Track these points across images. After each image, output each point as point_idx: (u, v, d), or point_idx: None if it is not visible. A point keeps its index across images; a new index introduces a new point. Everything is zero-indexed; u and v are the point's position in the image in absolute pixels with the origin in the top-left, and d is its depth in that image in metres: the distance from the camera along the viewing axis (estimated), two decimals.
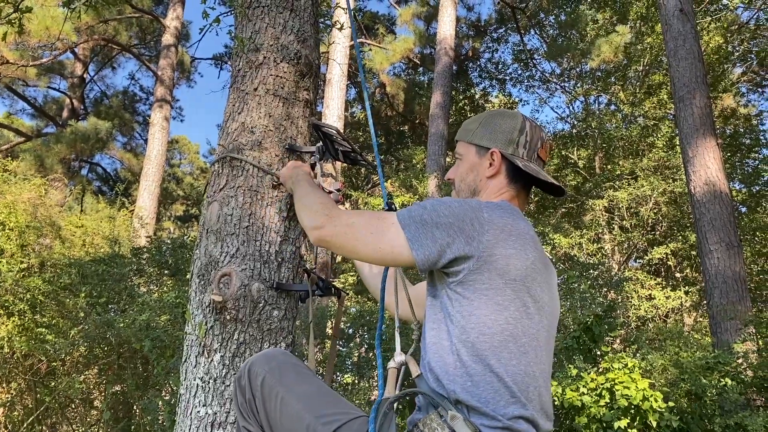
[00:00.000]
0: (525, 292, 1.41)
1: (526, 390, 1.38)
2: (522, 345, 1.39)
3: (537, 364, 1.42)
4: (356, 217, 1.56)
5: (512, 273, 1.39)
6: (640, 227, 12.67)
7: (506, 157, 1.63)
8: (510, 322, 1.38)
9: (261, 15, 2.22)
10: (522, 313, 1.40)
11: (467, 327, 1.38)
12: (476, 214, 1.42)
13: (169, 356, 5.89)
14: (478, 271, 1.38)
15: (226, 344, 1.89)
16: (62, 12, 12.66)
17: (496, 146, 1.64)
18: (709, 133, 8.07)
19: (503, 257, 1.39)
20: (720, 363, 5.65)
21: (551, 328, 1.51)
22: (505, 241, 1.41)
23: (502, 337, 1.37)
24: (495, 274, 1.38)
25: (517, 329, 1.39)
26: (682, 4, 8.66)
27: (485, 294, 1.38)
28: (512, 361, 1.37)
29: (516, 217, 1.48)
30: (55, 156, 15.45)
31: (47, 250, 8.29)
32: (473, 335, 1.37)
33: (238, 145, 2.10)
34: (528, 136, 1.65)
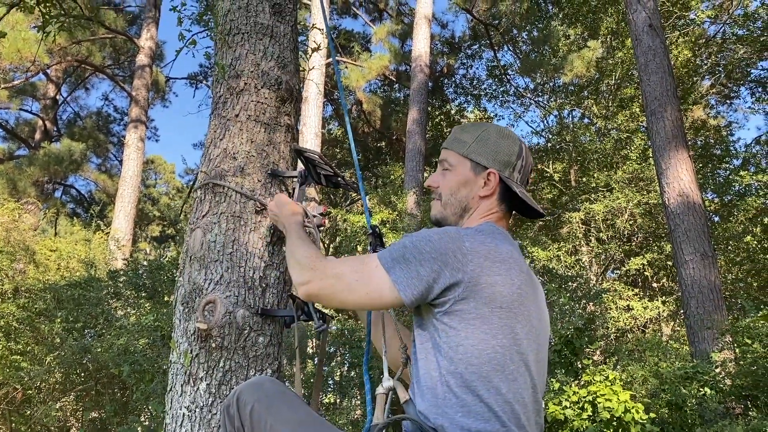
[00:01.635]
0: (512, 318, 1.40)
1: (518, 418, 1.37)
2: (511, 372, 1.38)
3: (526, 389, 1.41)
4: (340, 267, 1.55)
5: (498, 300, 1.39)
6: (616, 239, 12.84)
7: (503, 179, 1.61)
8: (498, 351, 1.38)
9: (241, 42, 2.24)
10: (510, 340, 1.39)
11: (455, 358, 1.37)
12: (457, 245, 1.42)
13: (148, 381, 5.80)
14: (464, 301, 1.38)
15: (212, 372, 1.87)
16: (34, 34, 12.55)
17: (494, 167, 1.62)
18: (681, 145, 8.23)
19: (488, 285, 1.39)
20: (699, 372, 5.73)
21: (541, 349, 1.50)
22: (490, 269, 1.40)
23: (490, 367, 1.37)
24: (481, 303, 1.38)
25: (506, 357, 1.38)
26: (651, 19, 8.86)
27: (472, 324, 1.38)
28: (502, 390, 1.36)
29: (499, 240, 1.47)
30: (28, 179, 15.23)
31: (21, 275, 8.16)
32: (461, 366, 1.37)
33: (221, 172, 2.09)
34: (524, 161, 1.65)
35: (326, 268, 1.56)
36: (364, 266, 1.50)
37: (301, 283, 1.58)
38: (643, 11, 8.90)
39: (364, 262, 1.51)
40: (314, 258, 1.62)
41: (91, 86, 22.33)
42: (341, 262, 1.58)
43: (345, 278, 1.51)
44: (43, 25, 4.06)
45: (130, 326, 6.36)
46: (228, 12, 2.30)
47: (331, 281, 1.53)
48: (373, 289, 1.46)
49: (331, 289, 1.53)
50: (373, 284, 1.46)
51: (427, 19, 14.36)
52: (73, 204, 23.07)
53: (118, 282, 7.75)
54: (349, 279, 1.50)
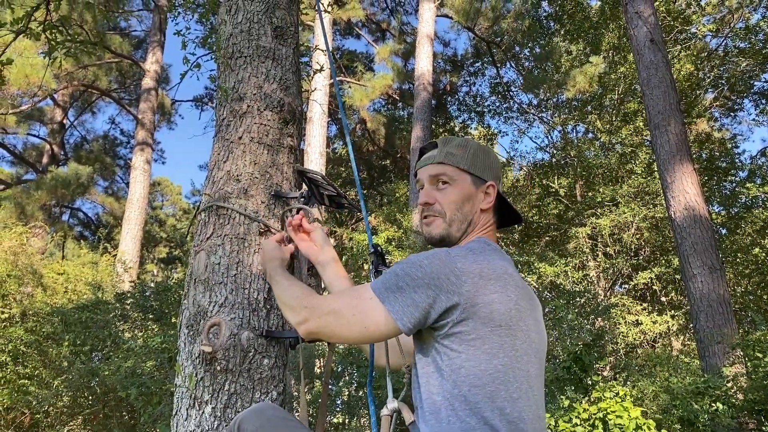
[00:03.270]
0: (512, 335, 1.39)
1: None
2: (514, 390, 1.37)
3: (528, 408, 1.40)
4: (335, 303, 1.54)
5: (497, 319, 1.37)
6: (623, 253, 12.77)
7: (500, 192, 1.66)
8: (500, 370, 1.37)
9: (243, 65, 2.26)
10: (511, 357, 1.38)
11: (458, 381, 1.36)
12: (450, 267, 1.40)
13: (156, 403, 5.78)
14: (463, 322, 1.37)
15: (217, 395, 1.87)
16: (41, 60, 12.70)
17: (492, 180, 1.65)
18: (686, 158, 8.22)
19: (485, 305, 1.37)
20: (710, 387, 5.66)
21: (540, 364, 1.49)
22: (485, 287, 1.39)
23: (493, 387, 1.36)
24: (480, 323, 1.36)
25: (508, 375, 1.37)
26: (652, 34, 8.90)
27: (472, 345, 1.36)
28: (506, 410, 1.35)
29: (491, 257, 1.47)
30: (36, 203, 15.33)
31: (29, 299, 8.17)
32: (464, 389, 1.35)
33: (224, 194, 2.11)
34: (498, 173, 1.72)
35: (321, 305, 1.56)
36: (359, 300, 1.48)
37: (299, 322, 1.57)
38: (644, 26, 8.94)
39: (359, 295, 1.49)
40: (307, 296, 1.62)
41: (97, 110, 22.57)
42: (335, 298, 1.58)
43: (342, 314, 1.49)
44: (49, 52, 4.12)
45: (138, 349, 6.35)
46: (230, 36, 2.33)
47: (329, 318, 1.52)
48: (370, 322, 1.45)
49: (330, 326, 1.52)
50: (370, 317, 1.45)
51: (430, 38, 14.47)
52: (80, 227, 23.20)
53: (125, 304, 7.76)
54: (346, 314, 1.49)
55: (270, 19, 2.33)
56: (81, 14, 14.40)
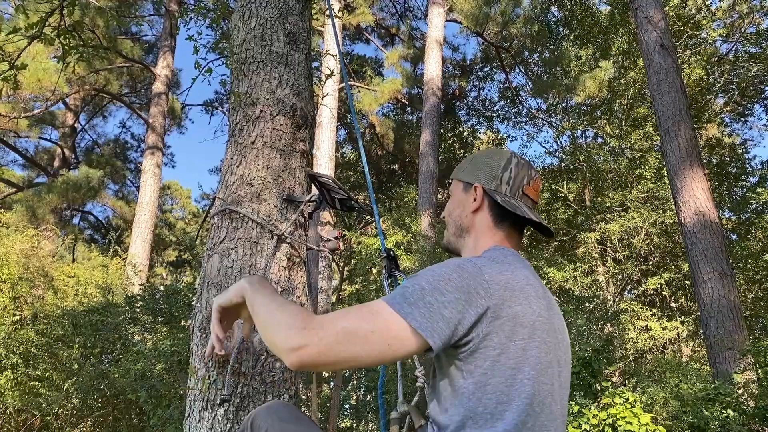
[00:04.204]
0: (535, 347, 1.36)
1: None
2: (538, 404, 1.35)
3: (552, 421, 1.38)
4: (343, 320, 1.30)
5: (520, 333, 1.34)
6: (633, 258, 12.73)
7: (488, 192, 1.61)
8: (525, 384, 1.34)
9: (257, 70, 2.28)
10: (536, 370, 1.35)
11: (483, 398, 1.32)
12: (478, 280, 1.35)
13: (165, 406, 5.81)
14: (488, 337, 1.32)
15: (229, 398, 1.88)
16: (54, 64, 12.81)
17: (480, 182, 1.62)
18: (696, 163, 8.18)
19: (510, 318, 1.34)
20: (721, 394, 5.63)
21: (564, 376, 1.46)
22: (510, 300, 1.35)
23: (519, 401, 1.32)
24: (504, 337, 1.33)
25: (533, 389, 1.34)
26: (662, 39, 8.87)
27: (498, 360, 1.32)
28: (528, 424, 1.32)
29: (513, 267, 1.44)
30: (47, 206, 15.43)
31: (40, 302, 8.22)
32: (491, 406, 1.32)
33: (238, 198, 2.12)
34: (512, 173, 1.62)
35: (324, 324, 1.29)
36: (376, 317, 1.31)
37: (294, 348, 1.27)
38: (654, 31, 8.93)
39: (373, 312, 1.32)
40: (303, 315, 1.33)
41: (108, 114, 22.71)
42: (342, 316, 1.32)
43: (356, 333, 1.27)
44: (62, 56, 4.16)
45: (147, 351, 6.39)
46: (243, 41, 2.35)
47: (336, 338, 1.27)
48: (394, 340, 1.29)
49: (338, 348, 1.26)
50: (393, 335, 1.29)
51: (439, 43, 14.49)
52: (90, 230, 23.34)
53: (135, 307, 7.79)
54: (361, 333, 1.28)
55: (283, 24, 2.35)
56: (93, 19, 14.54)
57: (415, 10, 21.13)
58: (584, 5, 16.74)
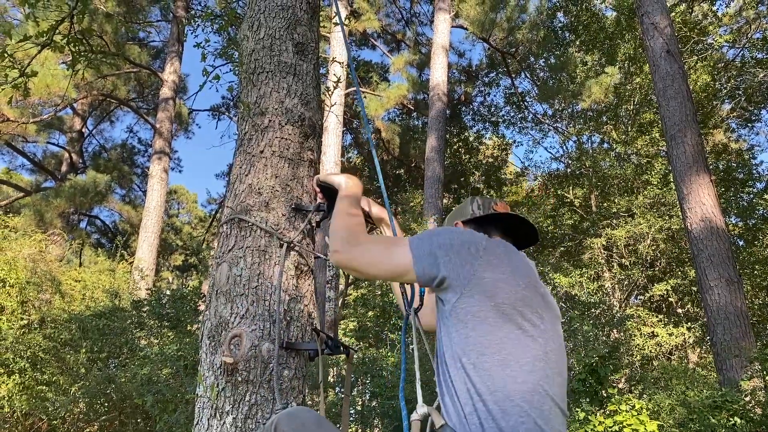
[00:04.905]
0: (518, 315, 1.47)
1: (540, 408, 1.41)
2: (525, 365, 1.43)
3: (550, 386, 1.45)
4: (372, 244, 1.69)
5: (500, 296, 1.47)
6: (639, 264, 12.69)
7: (465, 222, 1.88)
8: (506, 342, 1.44)
9: (265, 80, 2.30)
10: (519, 334, 1.46)
11: (467, 349, 1.45)
12: (477, 241, 1.57)
13: (171, 411, 5.82)
14: (469, 294, 1.48)
15: (237, 406, 1.90)
16: (62, 70, 12.90)
17: (457, 219, 1.91)
18: (702, 169, 8.17)
19: (492, 281, 1.49)
20: (728, 401, 5.60)
21: (560, 357, 1.55)
22: (497, 267, 1.51)
23: (501, 356, 1.43)
24: (484, 297, 1.47)
25: (517, 349, 1.44)
26: (668, 45, 8.87)
27: (477, 316, 1.46)
28: (518, 378, 1.41)
29: (512, 253, 1.60)
30: (55, 210, 15.50)
31: (47, 306, 8.26)
32: (474, 356, 1.44)
33: (246, 207, 2.14)
34: (479, 202, 1.91)
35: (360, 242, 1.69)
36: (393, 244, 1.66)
37: (334, 250, 1.70)
38: (660, 37, 8.92)
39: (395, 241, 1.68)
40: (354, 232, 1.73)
41: (116, 119, 22.82)
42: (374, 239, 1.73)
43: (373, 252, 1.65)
44: (72, 63, 4.19)
45: (154, 356, 6.40)
46: (252, 51, 2.37)
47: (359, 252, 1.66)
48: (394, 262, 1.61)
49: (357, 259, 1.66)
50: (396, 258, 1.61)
51: (444, 49, 14.51)
52: (97, 234, 23.43)
53: (141, 312, 7.82)
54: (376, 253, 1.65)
55: (291, 35, 2.38)
56: (101, 25, 14.63)
57: (421, 16, 21.20)
58: (590, 11, 16.74)
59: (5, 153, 19.77)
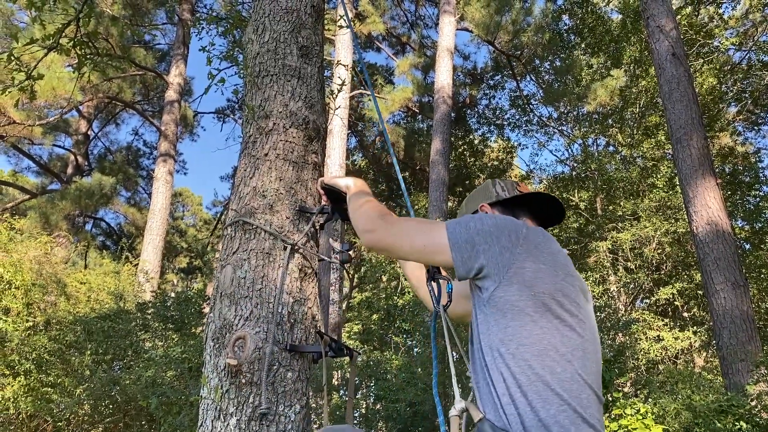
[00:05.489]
0: (557, 305, 1.45)
1: (579, 396, 1.39)
2: (564, 354, 1.41)
3: (587, 375, 1.43)
4: (408, 223, 1.70)
5: (540, 286, 1.45)
6: (644, 268, 12.65)
7: (492, 204, 1.82)
8: (546, 333, 1.42)
9: (270, 83, 2.31)
10: (558, 324, 1.44)
11: (505, 339, 1.43)
12: (517, 229, 1.53)
13: (176, 413, 5.82)
14: (508, 284, 1.45)
15: (241, 408, 1.90)
16: (68, 72, 12.95)
17: (481, 202, 1.84)
18: (708, 173, 8.14)
19: (532, 270, 1.46)
20: (734, 406, 5.58)
21: (596, 345, 1.52)
22: (537, 257, 1.48)
23: (541, 346, 1.41)
24: (524, 286, 1.44)
25: (555, 338, 1.42)
26: (674, 48, 8.86)
27: (516, 306, 1.44)
28: (557, 368, 1.39)
29: (551, 240, 1.57)
30: (60, 213, 15.56)
31: (52, 308, 8.28)
32: (513, 346, 1.41)
33: (251, 209, 2.15)
34: (501, 184, 1.86)
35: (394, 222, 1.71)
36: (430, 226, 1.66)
37: (368, 230, 1.72)
38: (666, 40, 8.91)
39: (431, 223, 1.68)
40: (386, 212, 1.77)
41: (121, 122, 22.89)
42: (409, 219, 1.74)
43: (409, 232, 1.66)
44: (78, 66, 4.22)
45: (158, 358, 6.42)
46: (257, 55, 2.38)
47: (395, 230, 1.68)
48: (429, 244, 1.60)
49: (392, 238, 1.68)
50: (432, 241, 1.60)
51: (450, 52, 14.52)
52: (102, 237, 23.49)
53: (146, 314, 7.84)
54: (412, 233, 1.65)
55: (296, 38, 2.38)
56: (107, 28, 14.70)
57: (426, 19, 21.21)
58: (596, 14, 16.73)
59: (11, 155, 19.89)
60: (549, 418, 1.35)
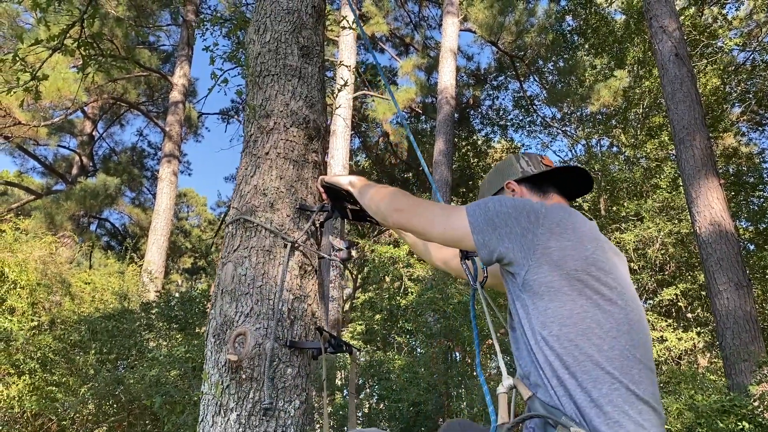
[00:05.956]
0: (593, 280, 1.42)
1: (630, 373, 1.36)
2: (609, 330, 1.38)
3: (636, 349, 1.40)
4: (432, 206, 1.72)
5: (570, 264, 1.42)
6: (648, 268, 12.63)
7: (519, 180, 1.79)
8: (587, 310, 1.39)
9: (271, 83, 2.34)
10: (598, 299, 1.41)
11: (546, 322, 1.41)
12: (534, 208, 1.52)
13: (179, 412, 5.85)
14: (537, 266, 1.44)
15: (241, 403, 1.92)
16: (73, 73, 13.02)
17: (507, 179, 1.81)
18: (711, 173, 8.14)
19: (558, 249, 1.44)
20: (736, 406, 5.58)
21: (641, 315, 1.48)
22: (561, 235, 1.46)
23: (584, 325, 1.38)
24: (554, 266, 1.43)
25: (598, 315, 1.39)
26: (677, 48, 8.85)
27: (551, 287, 1.42)
28: (603, 346, 1.37)
29: (573, 214, 1.54)
30: (65, 213, 15.63)
31: (57, 308, 8.31)
32: (555, 328, 1.39)
33: (251, 207, 2.17)
34: (525, 159, 1.83)
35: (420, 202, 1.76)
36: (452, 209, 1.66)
37: (396, 209, 1.78)
38: (669, 40, 8.91)
39: (453, 207, 1.69)
40: (407, 193, 1.82)
41: (126, 122, 22.98)
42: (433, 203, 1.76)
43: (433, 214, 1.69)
44: (82, 67, 4.25)
45: (162, 358, 6.44)
46: (258, 55, 2.41)
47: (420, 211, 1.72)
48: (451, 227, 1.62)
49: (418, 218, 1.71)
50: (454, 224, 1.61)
51: (453, 52, 14.53)
52: (107, 237, 23.57)
53: (150, 314, 7.86)
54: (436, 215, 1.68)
55: (296, 38, 2.41)
56: (111, 29, 14.76)
57: (430, 20, 21.23)
58: (599, 14, 16.71)
59: (17, 156, 19.98)
60: (602, 397, 1.32)
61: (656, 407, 1.39)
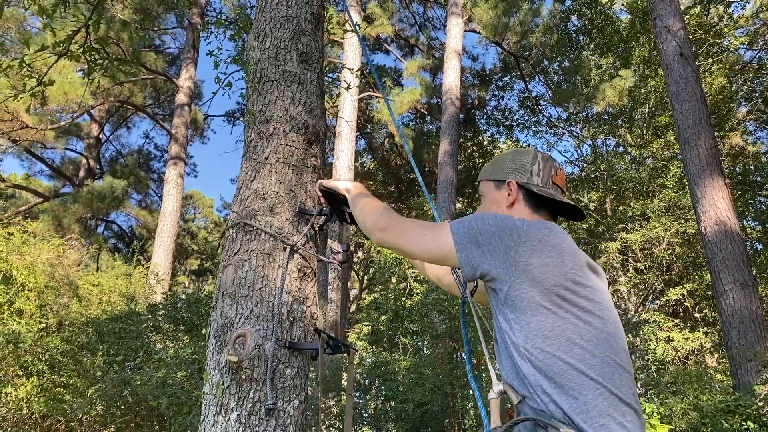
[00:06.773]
0: (572, 294, 1.47)
1: (612, 378, 1.42)
2: (590, 340, 1.44)
3: (616, 354, 1.45)
4: (415, 225, 1.74)
5: (550, 280, 1.47)
6: (654, 268, 12.60)
7: (522, 185, 1.75)
8: (568, 322, 1.44)
9: (270, 89, 2.37)
10: (577, 311, 1.46)
11: (530, 335, 1.45)
12: (516, 225, 1.54)
13: (186, 413, 5.90)
14: (519, 282, 1.48)
15: (242, 403, 1.96)
16: (79, 77, 13.11)
17: (511, 177, 1.77)
18: (717, 173, 8.12)
19: (539, 266, 1.48)
20: (741, 406, 5.57)
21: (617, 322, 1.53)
22: (542, 251, 1.49)
23: (565, 336, 1.43)
24: (535, 283, 1.47)
25: (578, 326, 1.44)
26: (681, 48, 8.84)
27: (533, 301, 1.46)
28: (585, 355, 1.42)
29: (553, 230, 1.57)
30: (72, 216, 15.73)
31: (65, 310, 8.38)
32: (538, 341, 1.44)
33: (252, 211, 2.21)
34: (540, 165, 1.78)
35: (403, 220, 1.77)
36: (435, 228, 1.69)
37: (380, 228, 1.79)
38: (674, 40, 8.90)
39: (436, 225, 1.71)
40: (393, 212, 1.85)
41: (132, 125, 23.10)
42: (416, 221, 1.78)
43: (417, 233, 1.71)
44: (88, 72, 4.30)
45: (169, 359, 6.49)
46: (258, 61, 2.44)
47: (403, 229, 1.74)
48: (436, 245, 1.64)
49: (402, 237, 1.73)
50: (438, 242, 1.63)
51: (458, 53, 14.55)
52: (114, 239, 23.70)
53: (157, 316, 7.92)
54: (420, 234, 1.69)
55: (296, 45, 2.44)
56: (117, 33, 14.86)
57: (435, 21, 21.24)
58: (604, 14, 16.69)
59: (24, 159, 20.14)
60: (587, 403, 1.38)
61: (637, 409, 1.44)
